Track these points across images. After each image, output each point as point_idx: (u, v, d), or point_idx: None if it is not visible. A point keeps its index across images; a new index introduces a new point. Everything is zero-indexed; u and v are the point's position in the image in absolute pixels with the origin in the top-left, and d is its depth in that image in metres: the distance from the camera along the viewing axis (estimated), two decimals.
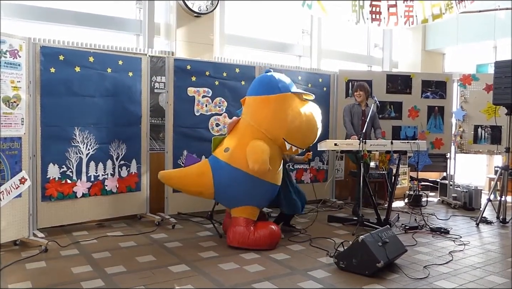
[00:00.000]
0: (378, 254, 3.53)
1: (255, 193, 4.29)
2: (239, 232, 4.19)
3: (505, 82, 5.35)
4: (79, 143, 4.61)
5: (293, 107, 4.28)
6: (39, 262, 3.70)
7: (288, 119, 4.23)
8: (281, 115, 4.24)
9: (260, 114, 4.34)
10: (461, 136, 6.86)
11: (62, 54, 4.45)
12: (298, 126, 4.25)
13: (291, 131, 4.24)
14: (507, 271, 3.77)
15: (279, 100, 4.27)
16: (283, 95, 4.29)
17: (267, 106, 4.30)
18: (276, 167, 4.35)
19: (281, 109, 4.25)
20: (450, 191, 6.89)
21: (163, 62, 5.43)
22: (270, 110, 4.27)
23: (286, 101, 4.28)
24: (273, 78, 4.42)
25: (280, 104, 4.26)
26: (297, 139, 4.31)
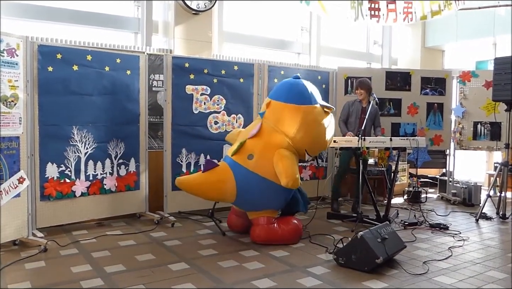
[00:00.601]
0: (377, 250, 3.53)
1: (279, 199, 4.40)
2: (265, 229, 4.28)
3: (505, 79, 5.34)
4: (78, 142, 4.60)
5: (319, 121, 4.43)
6: (38, 262, 3.69)
7: (314, 133, 4.41)
8: (308, 128, 4.35)
9: (288, 123, 4.35)
10: (460, 132, 6.86)
11: (59, 53, 4.44)
12: (322, 140, 4.52)
13: (314, 144, 4.47)
14: (507, 266, 3.77)
15: (308, 112, 4.37)
16: (312, 107, 4.41)
17: (296, 116, 4.33)
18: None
19: (310, 122, 4.37)
20: (449, 187, 6.89)
21: (161, 60, 5.42)
22: (298, 121, 4.32)
23: (314, 114, 4.40)
24: (304, 87, 4.48)
25: (309, 117, 4.36)
26: (316, 151, 4.59)
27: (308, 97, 4.41)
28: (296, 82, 4.54)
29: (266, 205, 4.33)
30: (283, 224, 4.33)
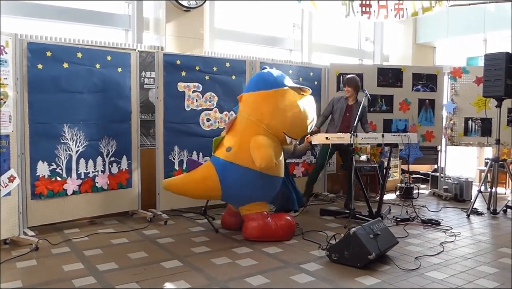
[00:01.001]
0: (370, 246, 3.54)
1: (263, 189, 4.36)
2: (258, 225, 4.27)
3: (495, 75, 5.37)
4: (69, 140, 4.57)
5: (292, 101, 4.36)
6: (30, 261, 3.67)
7: (288, 114, 4.32)
8: (281, 110, 4.31)
9: (260, 110, 4.36)
10: (451, 129, 6.90)
11: (49, 50, 4.40)
12: (299, 120, 4.39)
13: (292, 125, 4.37)
14: (498, 261, 3.81)
15: (278, 95, 4.35)
16: (282, 90, 4.38)
17: (267, 101, 4.34)
18: (278, 160, 4.39)
19: (281, 104, 4.32)
20: (441, 183, 6.93)
21: (152, 57, 5.39)
22: (270, 105, 4.32)
23: (284, 95, 4.36)
24: (269, 74, 4.49)
25: (280, 99, 4.33)
26: (296, 132, 4.48)
27: (274, 81, 4.40)
28: (261, 72, 4.61)
29: (253, 197, 4.31)
30: (276, 220, 4.34)
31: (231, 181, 4.23)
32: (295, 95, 4.42)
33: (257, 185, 4.27)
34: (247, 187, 4.26)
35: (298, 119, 4.38)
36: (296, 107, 4.35)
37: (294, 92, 4.43)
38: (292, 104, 4.35)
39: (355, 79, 5.72)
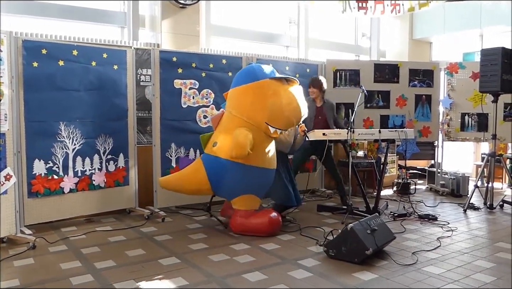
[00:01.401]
0: (367, 241, 3.55)
1: (248, 180, 4.38)
2: (238, 222, 4.40)
3: (491, 70, 5.38)
4: (65, 138, 4.55)
5: (273, 91, 4.29)
6: (27, 259, 3.66)
7: (268, 104, 4.27)
8: (260, 101, 4.30)
9: (241, 104, 4.41)
10: (448, 124, 6.91)
11: (45, 48, 4.37)
12: (279, 109, 4.26)
13: (272, 114, 4.28)
14: (494, 256, 3.82)
15: (258, 87, 4.32)
16: (262, 81, 4.33)
17: (247, 94, 4.38)
18: (263, 151, 4.38)
19: (260, 95, 4.30)
20: (438, 178, 6.95)
21: (148, 55, 5.38)
22: (250, 98, 4.35)
23: (265, 87, 4.31)
24: (251, 67, 4.53)
25: (259, 90, 4.31)
26: (279, 122, 4.33)
27: (254, 74, 4.38)
28: (246, 68, 4.66)
29: (240, 189, 4.40)
30: (258, 217, 4.37)
31: (217, 174, 4.37)
32: (277, 85, 4.33)
33: (240, 176, 4.34)
34: (231, 180, 4.36)
35: (278, 108, 4.26)
36: (276, 96, 4.27)
37: (276, 82, 4.34)
38: (273, 94, 4.28)
39: (318, 79, 5.57)
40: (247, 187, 4.41)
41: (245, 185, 4.40)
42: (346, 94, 6.50)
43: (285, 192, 4.68)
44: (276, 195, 4.74)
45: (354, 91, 6.17)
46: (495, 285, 3.16)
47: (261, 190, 4.55)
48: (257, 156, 4.30)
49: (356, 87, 6.39)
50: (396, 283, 3.18)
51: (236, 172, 4.31)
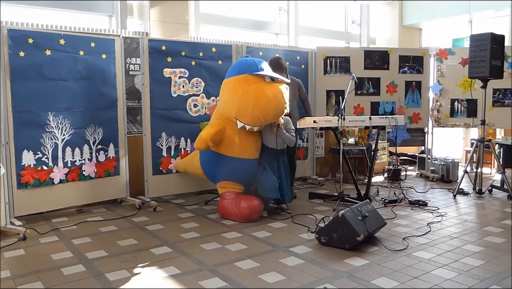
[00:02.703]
0: (358, 228, 3.57)
1: (225, 168, 4.64)
2: (223, 205, 4.64)
3: (480, 56, 5.39)
4: (54, 129, 4.51)
5: (247, 87, 4.35)
6: (17, 250, 3.64)
7: (237, 100, 4.40)
8: (232, 96, 4.45)
9: (222, 96, 4.66)
10: (438, 110, 6.94)
11: (31, 37, 4.30)
12: (246, 104, 4.34)
13: (240, 109, 4.39)
14: (483, 240, 3.87)
15: (235, 81, 4.46)
16: (241, 76, 4.42)
17: (227, 88, 4.57)
18: (238, 143, 4.52)
19: (234, 90, 4.44)
20: (428, 164, 7.00)
21: (137, 43, 5.32)
22: (227, 92, 4.54)
23: (241, 82, 4.40)
24: (240, 61, 4.65)
25: (235, 86, 4.44)
26: (246, 118, 4.40)
27: (238, 68, 4.51)
28: (237, 61, 4.82)
29: (220, 175, 4.70)
30: (242, 202, 4.48)
31: (205, 161, 4.80)
32: (253, 81, 4.35)
33: (219, 164, 4.65)
34: (213, 166, 4.73)
35: (245, 103, 4.33)
36: (247, 92, 4.32)
37: (254, 78, 4.36)
38: (244, 90, 4.34)
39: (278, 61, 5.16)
40: (225, 174, 4.67)
41: (224, 172, 4.67)
42: (337, 82, 6.50)
43: (269, 184, 4.60)
44: (260, 186, 4.70)
45: (344, 78, 6.18)
46: (484, 268, 3.21)
47: (241, 177, 4.67)
48: (231, 147, 4.54)
49: (346, 74, 6.38)
50: (387, 269, 3.21)
51: (215, 160, 4.65)
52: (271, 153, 4.71)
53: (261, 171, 4.64)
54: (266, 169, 4.63)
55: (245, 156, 4.58)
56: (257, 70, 4.39)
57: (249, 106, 4.33)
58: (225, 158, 4.59)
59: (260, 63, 4.48)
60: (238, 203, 4.50)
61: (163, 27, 5.99)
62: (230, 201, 4.56)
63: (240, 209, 4.46)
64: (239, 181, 4.67)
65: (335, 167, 6.74)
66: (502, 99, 6.59)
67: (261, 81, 4.39)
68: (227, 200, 4.59)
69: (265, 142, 4.73)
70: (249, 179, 4.71)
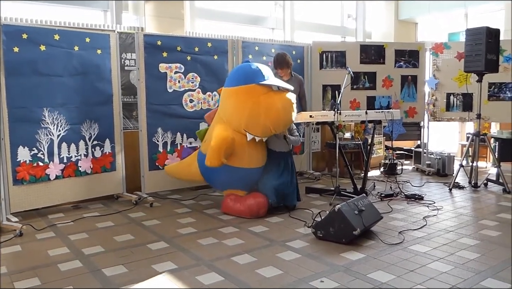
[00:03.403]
0: (355, 222, 3.58)
1: (234, 179, 4.55)
2: (227, 203, 4.59)
3: (476, 50, 5.40)
4: (49, 125, 4.49)
5: (255, 98, 4.21)
6: (14, 246, 3.63)
7: (246, 112, 4.24)
8: (240, 108, 4.28)
9: (225, 106, 4.45)
10: (434, 104, 6.95)
11: (25, 33, 4.27)
12: (256, 115, 4.22)
13: (249, 121, 4.26)
14: (479, 233, 3.89)
15: (241, 92, 4.28)
16: (247, 87, 4.26)
17: (231, 98, 4.37)
18: (247, 153, 4.40)
19: (242, 101, 4.27)
20: (424, 158, 7.03)
21: (132, 39, 5.30)
22: (232, 102, 4.35)
23: (249, 93, 4.24)
24: (241, 69, 4.44)
25: (243, 96, 4.27)
26: (256, 129, 4.30)
27: (244, 77, 4.30)
28: (239, 66, 4.61)
29: (227, 185, 4.65)
30: (245, 200, 4.47)
31: (208, 171, 4.56)
32: (261, 91, 4.23)
33: (227, 176, 4.50)
34: (218, 176, 4.57)
35: (256, 115, 4.21)
36: (256, 102, 4.20)
37: (261, 88, 4.24)
38: (253, 102, 4.21)
39: (285, 58, 5.23)
40: (233, 184, 4.60)
41: (232, 182, 4.59)
42: (333, 76, 6.50)
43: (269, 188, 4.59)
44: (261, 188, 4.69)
45: (340, 73, 6.17)
46: (479, 261, 3.23)
47: (248, 185, 4.66)
48: (241, 158, 4.39)
49: (342, 69, 6.38)
50: (383, 262, 3.22)
51: (222, 172, 4.43)
52: (278, 157, 4.69)
53: (264, 174, 4.65)
54: (269, 173, 4.63)
55: (253, 165, 4.50)
56: (263, 79, 4.25)
57: (261, 118, 4.21)
58: (233, 169, 4.41)
59: (265, 70, 4.34)
60: (245, 199, 4.48)
61: (158, 22, 5.96)
62: (236, 197, 4.55)
63: (248, 205, 4.42)
64: (244, 188, 4.64)
65: (332, 162, 6.75)
66: (498, 93, 6.62)
67: (269, 91, 4.27)
68: (232, 197, 4.56)
69: (272, 147, 4.67)
70: (254, 185, 4.71)
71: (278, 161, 4.67)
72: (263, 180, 4.64)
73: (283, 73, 5.38)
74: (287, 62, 5.18)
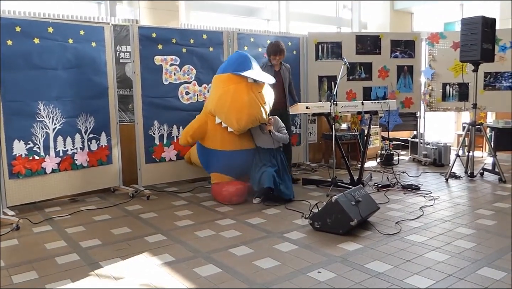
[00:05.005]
0: (352, 212, 3.59)
1: (215, 161, 4.80)
2: (213, 188, 4.88)
3: (472, 39, 5.39)
4: (45, 118, 4.47)
5: (226, 87, 4.50)
6: (11, 240, 3.63)
7: (216, 98, 4.59)
8: (213, 93, 4.69)
9: (209, 93, 5.00)
10: (430, 94, 6.96)
11: (18, 26, 4.23)
12: (222, 105, 4.51)
13: (217, 109, 4.58)
14: (475, 223, 3.91)
15: (219, 79, 4.65)
16: (223, 75, 4.61)
17: (213, 85, 4.79)
18: (219, 136, 4.66)
19: (217, 88, 4.65)
20: (420, 148, 7.04)
21: (127, 31, 5.26)
22: (213, 89, 4.77)
23: (223, 81, 4.58)
24: (228, 58, 4.91)
25: (218, 83, 4.64)
26: (221, 116, 4.59)
27: (223, 67, 4.72)
28: (229, 56, 5.08)
29: (209, 167, 4.91)
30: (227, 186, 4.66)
31: (198, 151, 4.97)
32: (235, 81, 4.47)
33: (207, 156, 4.84)
34: (202, 158, 4.93)
35: (222, 104, 4.49)
36: (227, 92, 4.47)
37: (236, 78, 4.47)
38: (225, 89, 4.51)
39: (282, 46, 5.28)
40: (214, 166, 4.83)
41: (212, 163, 4.83)
42: (329, 67, 6.48)
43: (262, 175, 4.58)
44: (254, 181, 4.70)
45: (336, 64, 6.16)
46: (475, 250, 3.25)
47: (229, 169, 4.78)
48: (213, 140, 4.72)
49: (338, 60, 6.38)
50: (380, 252, 3.24)
51: (204, 152, 4.85)
52: (269, 153, 4.74)
53: (255, 168, 4.67)
54: (258, 164, 4.67)
55: (226, 148, 4.69)
56: (243, 70, 4.46)
57: (225, 107, 4.50)
58: (210, 151, 4.77)
59: (249, 61, 4.57)
60: (223, 186, 4.67)
61: (153, 14, 5.92)
62: (219, 183, 4.76)
63: (223, 191, 4.63)
64: (227, 172, 4.81)
65: (328, 153, 6.76)
66: (493, 83, 6.62)
67: (242, 82, 4.48)
68: (217, 184, 4.77)
69: (260, 144, 4.78)
70: (238, 170, 4.77)
71: (268, 158, 4.72)
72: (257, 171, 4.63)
73: (278, 61, 5.34)
74: (281, 49, 5.27)
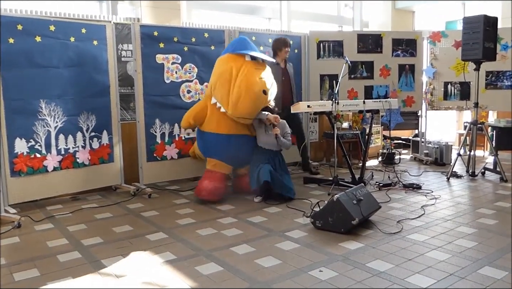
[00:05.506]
0: (353, 211, 3.59)
1: (209, 144, 4.78)
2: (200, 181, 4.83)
3: (473, 38, 5.38)
4: (46, 116, 4.47)
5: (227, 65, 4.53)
6: (12, 238, 3.64)
7: (214, 78, 4.66)
8: (215, 74, 4.68)
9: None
10: (431, 93, 6.95)
11: (20, 24, 4.24)
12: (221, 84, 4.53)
13: (215, 88, 4.62)
14: (476, 222, 3.91)
15: (220, 60, 4.69)
16: (224, 56, 4.68)
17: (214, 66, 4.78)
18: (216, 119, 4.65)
19: (215, 68, 4.69)
20: (421, 147, 7.03)
21: (128, 29, 5.26)
22: (214, 70, 4.76)
23: (223, 61, 4.62)
24: (234, 40, 4.88)
25: (218, 64, 4.69)
26: (217, 96, 4.62)
27: (228, 47, 4.80)
28: None
29: (206, 152, 4.87)
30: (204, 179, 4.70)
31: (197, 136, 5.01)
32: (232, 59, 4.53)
33: (202, 140, 4.85)
34: (199, 142, 4.95)
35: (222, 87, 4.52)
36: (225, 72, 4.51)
37: (236, 58, 4.53)
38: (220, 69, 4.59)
39: (283, 39, 5.67)
40: (209, 150, 4.80)
41: (207, 147, 4.82)
42: (330, 66, 6.48)
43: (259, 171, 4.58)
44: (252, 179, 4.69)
45: (337, 63, 6.16)
46: (477, 249, 3.25)
47: (222, 154, 4.72)
48: (210, 123, 4.69)
49: (339, 58, 6.36)
50: (382, 251, 3.24)
51: (200, 136, 4.87)
52: (268, 154, 4.72)
53: (253, 167, 4.66)
54: (256, 163, 4.65)
55: (221, 131, 4.65)
56: (240, 50, 4.54)
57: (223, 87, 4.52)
58: (206, 134, 4.75)
59: (249, 43, 4.66)
60: (202, 180, 4.71)
61: (154, 12, 5.92)
62: (205, 173, 4.77)
63: (197, 185, 4.74)
64: (222, 158, 4.72)
65: (330, 152, 6.75)
66: (495, 82, 6.61)
67: (241, 60, 4.54)
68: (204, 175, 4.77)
69: (261, 144, 4.75)
70: (234, 157, 4.72)
71: (267, 157, 4.70)
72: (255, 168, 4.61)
73: (287, 52, 5.60)
74: (286, 43, 5.53)
